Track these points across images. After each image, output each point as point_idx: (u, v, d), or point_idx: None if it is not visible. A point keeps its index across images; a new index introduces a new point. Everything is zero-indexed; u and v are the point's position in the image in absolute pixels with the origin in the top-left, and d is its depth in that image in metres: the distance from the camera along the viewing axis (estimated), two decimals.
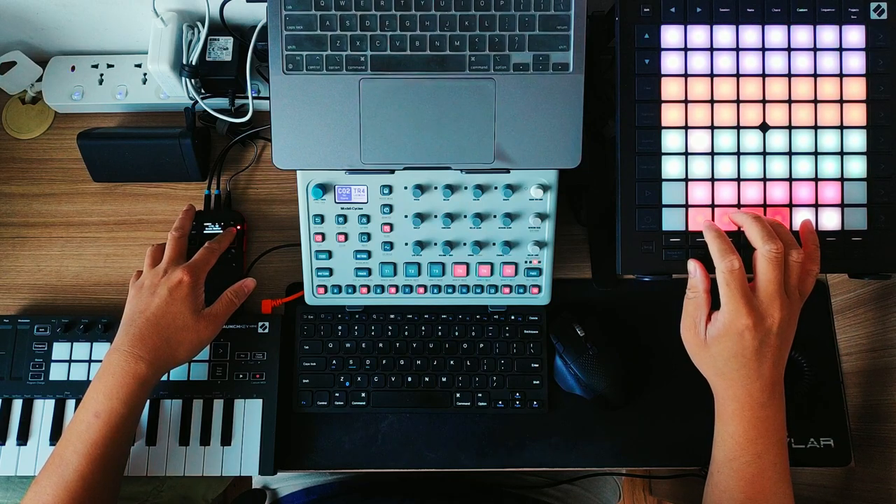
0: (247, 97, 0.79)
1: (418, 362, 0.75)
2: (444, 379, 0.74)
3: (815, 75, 0.66)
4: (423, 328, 0.75)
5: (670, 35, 0.66)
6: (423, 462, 0.74)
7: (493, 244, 0.71)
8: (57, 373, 0.73)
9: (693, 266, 0.63)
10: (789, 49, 0.66)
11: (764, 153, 0.66)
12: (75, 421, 0.63)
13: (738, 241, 0.63)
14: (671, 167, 0.66)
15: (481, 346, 0.75)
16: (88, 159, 0.80)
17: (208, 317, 0.68)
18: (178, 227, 0.73)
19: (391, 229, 0.71)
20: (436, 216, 0.70)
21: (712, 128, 0.66)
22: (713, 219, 0.66)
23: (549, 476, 0.88)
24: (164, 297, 0.67)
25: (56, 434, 0.72)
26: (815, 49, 0.66)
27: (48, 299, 0.79)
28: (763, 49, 0.66)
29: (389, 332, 0.75)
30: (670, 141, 0.66)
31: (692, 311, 0.62)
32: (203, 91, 0.80)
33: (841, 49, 0.66)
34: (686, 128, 0.66)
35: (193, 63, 0.77)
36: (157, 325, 0.66)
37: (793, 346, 0.74)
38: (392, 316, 0.76)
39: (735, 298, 0.58)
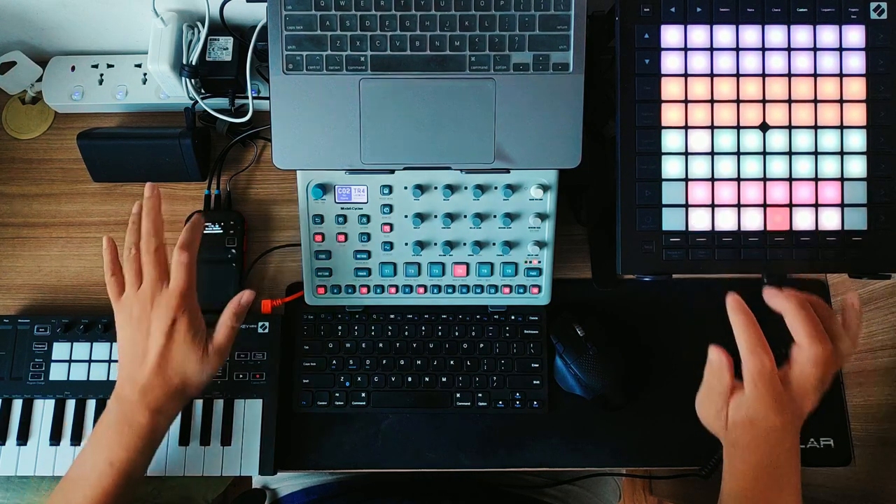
0: (247, 97, 0.79)
1: (418, 362, 0.75)
2: (444, 379, 0.74)
3: (815, 75, 0.66)
4: (423, 328, 0.75)
5: (670, 35, 0.66)
6: (423, 462, 0.74)
7: (493, 244, 0.71)
8: (57, 373, 0.73)
9: (717, 357, 0.57)
10: (789, 49, 0.66)
11: (764, 153, 0.66)
12: (87, 464, 0.60)
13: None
14: (671, 167, 0.66)
15: (481, 346, 0.75)
16: (88, 159, 0.80)
17: (215, 353, 0.63)
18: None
19: (391, 229, 0.71)
20: (436, 216, 0.70)
21: (712, 128, 0.66)
22: (713, 218, 0.66)
23: (550, 476, 0.88)
24: (161, 343, 0.60)
25: (56, 434, 0.72)
26: (815, 49, 0.66)
27: (48, 299, 0.79)
28: (763, 49, 0.66)
29: (389, 332, 0.75)
30: (670, 141, 0.66)
31: (715, 398, 0.57)
32: (203, 91, 0.80)
33: (841, 49, 0.66)
34: (686, 128, 0.66)
35: (193, 63, 0.77)
36: (163, 373, 0.61)
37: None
38: (392, 316, 0.76)
39: (764, 400, 0.54)
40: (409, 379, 0.74)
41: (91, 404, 0.73)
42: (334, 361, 0.75)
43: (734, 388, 0.56)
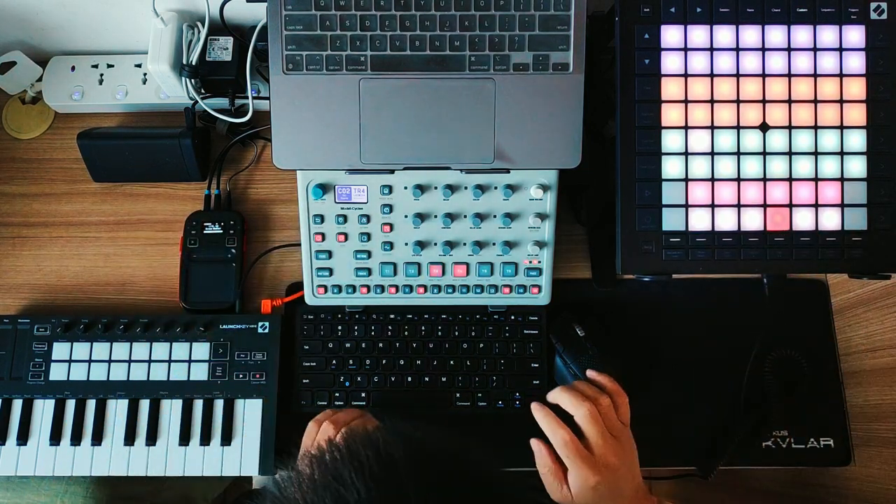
0: (247, 97, 0.79)
1: (418, 362, 0.75)
2: (444, 379, 0.74)
3: (815, 75, 0.66)
4: (423, 328, 0.75)
5: (670, 35, 0.66)
6: None
7: (493, 244, 0.71)
8: (57, 373, 0.73)
9: (536, 446, 0.65)
10: (789, 49, 0.66)
11: (764, 153, 0.66)
12: None
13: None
14: (671, 167, 0.66)
15: (481, 346, 0.75)
16: (88, 159, 0.80)
17: None
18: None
19: (391, 229, 0.71)
20: (436, 216, 0.70)
21: (712, 128, 0.66)
22: (713, 218, 0.66)
23: None
24: None
25: (56, 434, 0.72)
26: (815, 49, 0.66)
27: (48, 299, 0.79)
28: (763, 49, 0.66)
29: (389, 332, 0.75)
30: (670, 141, 0.66)
31: (552, 481, 0.64)
32: (203, 91, 0.80)
33: (841, 49, 0.66)
34: (686, 128, 0.66)
35: (193, 63, 0.77)
36: None
37: (793, 345, 0.74)
38: (392, 316, 0.76)
39: (577, 464, 0.62)
40: (409, 379, 0.74)
41: (91, 404, 0.72)
42: (334, 361, 0.75)
43: (563, 468, 0.64)
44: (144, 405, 0.73)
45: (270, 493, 0.40)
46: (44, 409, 0.72)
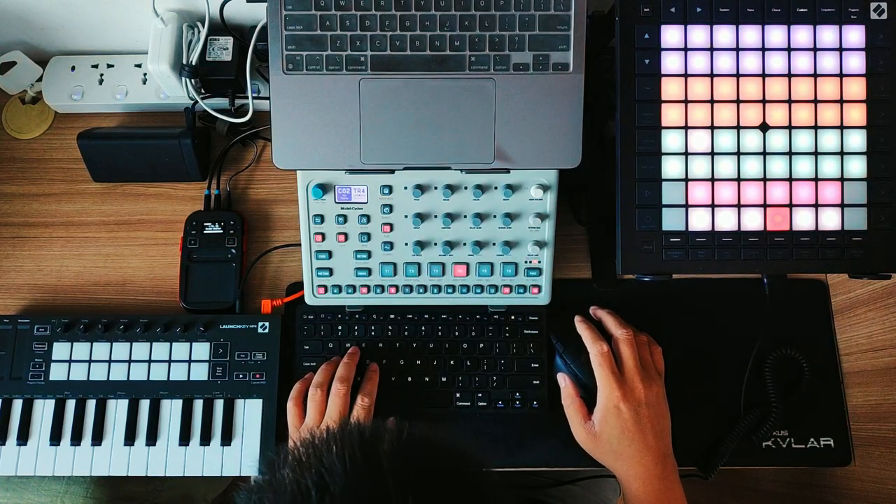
0: (247, 97, 0.79)
1: (418, 362, 0.75)
2: (444, 379, 0.74)
3: (815, 75, 0.66)
4: (423, 328, 0.75)
5: (670, 35, 0.66)
6: None
7: (493, 244, 0.71)
8: (57, 373, 0.73)
9: (563, 381, 0.72)
10: (789, 49, 0.66)
11: (764, 153, 0.66)
12: None
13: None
14: (671, 167, 0.66)
15: (481, 346, 0.75)
16: (88, 159, 0.80)
17: None
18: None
19: (391, 229, 0.71)
20: (436, 216, 0.70)
21: (712, 128, 0.66)
22: (713, 218, 0.66)
23: (552, 476, 0.88)
24: None
25: (56, 434, 0.72)
26: (815, 49, 0.66)
27: (48, 299, 0.79)
28: (763, 49, 0.66)
29: (389, 332, 0.75)
30: (670, 141, 0.66)
31: (574, 414, 0.69)
32: (203, 91, 0.80)
33: (841, 49, 0.66)
34: (686, 128, 0.66)
35: (193, 63, 0.77)
36: None
37: (793, 345, 0.74)
38: (392, 316, 0.76)
39: (607, 376, 0.67)
40: (409, 379, 0.74)
41: (91, 404, 0.72)
42: None
43: (586, 405, 0.69)
44: (144, 405, 0.73)
45: (262, 473, 0.42)
46: (44, 409, 0.72)
